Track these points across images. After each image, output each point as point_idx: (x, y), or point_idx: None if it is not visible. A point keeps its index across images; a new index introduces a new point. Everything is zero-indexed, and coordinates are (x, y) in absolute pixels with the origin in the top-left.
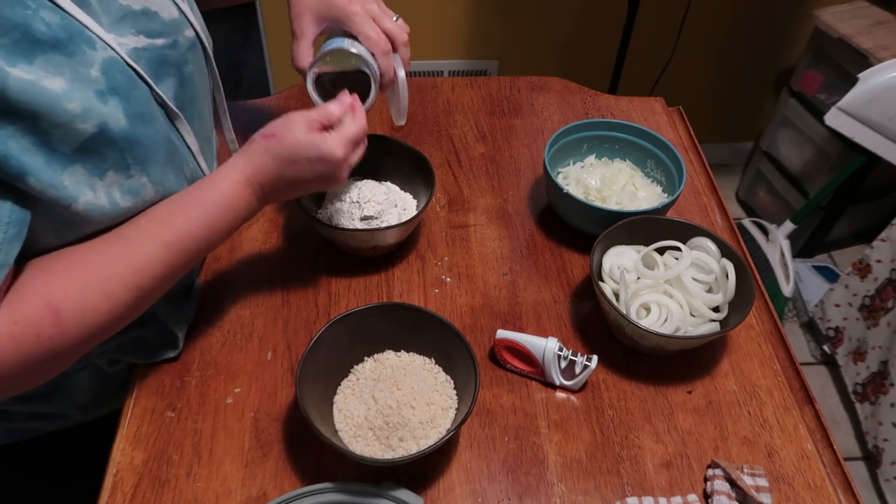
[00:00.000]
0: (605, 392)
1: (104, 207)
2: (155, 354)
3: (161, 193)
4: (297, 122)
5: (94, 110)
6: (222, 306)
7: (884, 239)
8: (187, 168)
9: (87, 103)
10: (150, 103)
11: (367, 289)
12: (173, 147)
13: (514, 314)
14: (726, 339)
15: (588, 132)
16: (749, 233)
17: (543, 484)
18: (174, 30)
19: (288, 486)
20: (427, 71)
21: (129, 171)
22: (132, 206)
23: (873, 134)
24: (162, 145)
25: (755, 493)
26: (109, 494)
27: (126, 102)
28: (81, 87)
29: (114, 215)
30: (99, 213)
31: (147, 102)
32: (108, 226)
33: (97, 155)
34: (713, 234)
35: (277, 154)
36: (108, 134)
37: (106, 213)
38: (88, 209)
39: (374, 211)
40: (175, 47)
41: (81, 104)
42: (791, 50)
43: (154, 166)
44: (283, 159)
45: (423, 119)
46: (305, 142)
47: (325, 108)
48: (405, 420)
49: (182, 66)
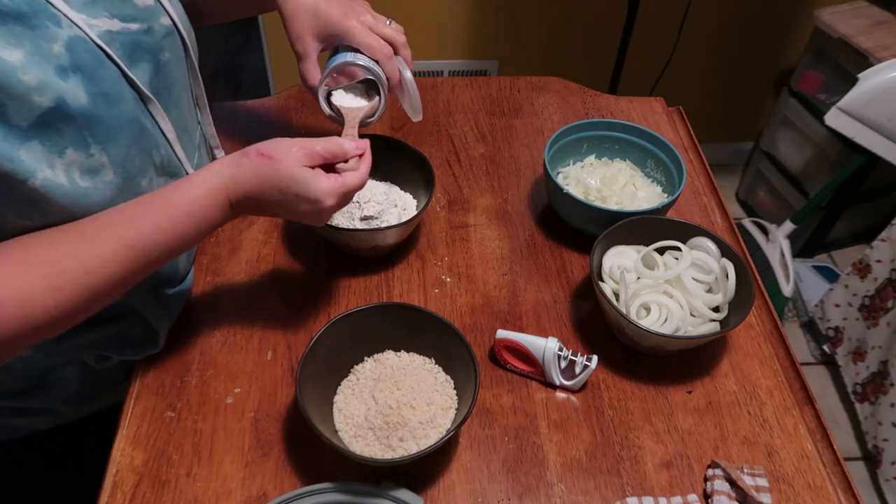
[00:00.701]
0: (605, 392)
1: (63, 186)
2: (140, 350)
3: (122, 176)
4: (298, 151)
5: (52, 85)
6: (222, 306)
7: (884, 239)
8: (157, 153)
9: (44, 77)
10: (118, 84)
11: (367, 289)
12: (142, 130)
13: (514, 314)
14: (726, 339)
15: (588, 132)
16: (749, 233)
17: (543, 484)
18: (148, 16)
19: (288, 486)
20: (427, 71)
21: (88, 149)
22: (92, 186)
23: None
24: (127, 128)
25: (755, 493)
26: (109, 494)
27: (89, 81)
28: (41, 61)
29: (75, 196)
30: (59, 191)
31: (115, 83)
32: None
33: (55, 131)
34: (713, 234)
35: (266, 178)
36: (66, 110)
37: (66, 192)
38: (47, 186)
39: (374, 211)
40: (150, 33)
41: (38, 77)
42: (791, 50)
43: (116, 147)
44: (270, 185)
45: (423, 119)
46: (299, 177)
47: (337, 144)
48: (405, 420)
49: (158, 53)
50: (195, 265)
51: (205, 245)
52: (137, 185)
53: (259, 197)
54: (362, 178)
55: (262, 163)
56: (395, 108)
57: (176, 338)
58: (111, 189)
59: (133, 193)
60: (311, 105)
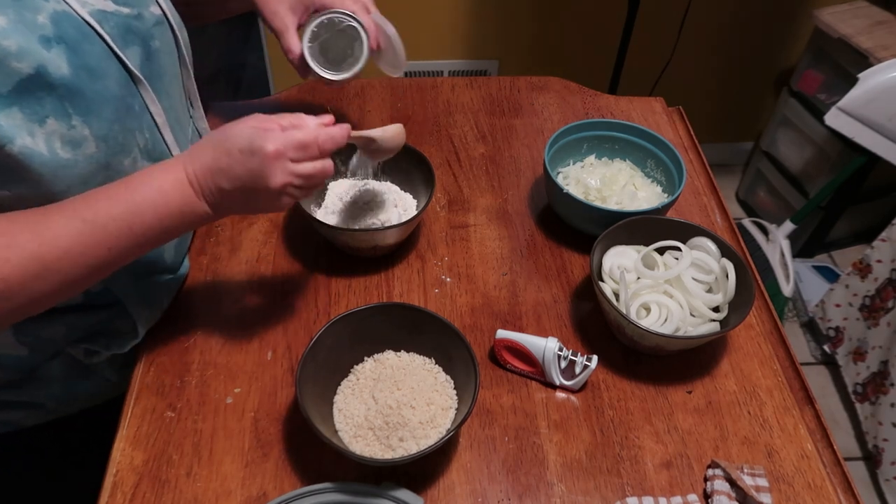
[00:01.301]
0: (605, 392)
1: (43, 155)
2: (124, 343)
3: (104, 151)
4: (252, 117)
5: (33, 52)
6: (222, 306)
7: (884, 239)
8: (142, 136)
9: (25, 45)
10: (104, 61)
11: (367, 289)
12: (128, 109)
13: (514, 314)
14: (726, 339)
15: (588, 132)
16: (749, 233)
17: (543, 484)
18: (138, 3)
19: (288, 486)
20: (427, 71)
21: (70, 120)
22: (72, 158)
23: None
24: (111, 104)
25: (755, 493)
26: (109, 494)
27: (73, 53)
28: (23, 29)
29: (54, 166)
30: (38, 160)
31: (101, 59)
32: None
33: (35, 99)
34: (713, 234)
35: (216, 142)
36: (47, 78)
37: (45, 161)
38: (25, 153)
39: (373, 211)
40: (140, 19)
41: (18, 43)
42: (791, 50)
43: (98, 121)
44: (218, 147)
45: (423, 119)
46: (242, 132)
47: (297, 116)
48: (405, 420)
49: (148, 40)
50: (195, 265)
51: (205, 245)
52: (120, 163)
53: (213, 167)
54: (309, 131)
55: (216, 133)
56: (395, 108)
57: (176, 338)
58: (92, 163)
59: (116, 172)
60: (312, 105)
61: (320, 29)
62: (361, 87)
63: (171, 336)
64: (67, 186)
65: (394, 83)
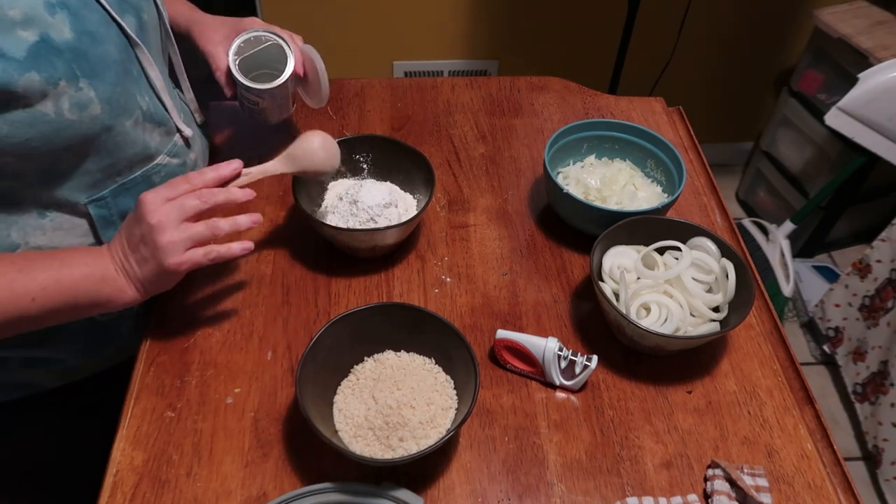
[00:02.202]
0: (605, 392)
1: (48, 115)
2: None
3: (108, 113)
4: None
5: (37, 19)
6: (222, 306)
7: (884, 239)
8: (142, 98)
9: (30, 11)
10: (104, 26)
11: (367, 289)
12: (127, 73)
13: (514, 314)
14: (726, 339)
15: (588, 132)
16: (749, 233)
17: (543, 484)
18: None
19: (288, 486)
20: (427, 71)
21: (78, 83)
22: (77, 119)
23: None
24: (112, 67)
25: (755, 493)
26: (109, 494)
27: (74, 18)
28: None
29: (56, 128)
30: (42, 119)
31: (101, 25)
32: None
33: (48, 63)
34: (713, 234)
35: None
36: (52, 43)
37: (50, 121)
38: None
39: (373, 210)
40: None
41: (23, 11)
42: (791, 50)
43: (103, 84)
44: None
45: (423, 119)
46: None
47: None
48: (405, 420)
49: (140, 11)
50: None
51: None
52: (122, 124)
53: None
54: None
55: None
56: (395, 108)
57: (176, 338)
58: (96, 124)
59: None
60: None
61: (246, 45)
62: (361, 87)
63: (171, 336)
64: (68, 145)
65: (394, 83)
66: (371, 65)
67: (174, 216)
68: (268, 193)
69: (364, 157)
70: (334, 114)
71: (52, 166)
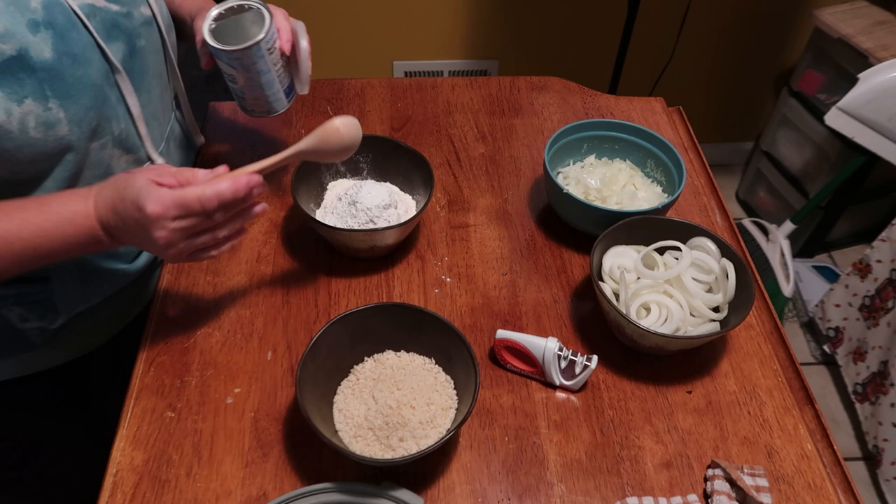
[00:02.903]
0: (605, 392)
1: (11, 132)
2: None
3: (76, 135)
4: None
5: (18, 35)
6: (222, 306)
7: (884, 239)
8: (117, 124)
9: (11, 27)
10: (88, 50)
11: (367, 289)
12: (105, 99)
13: (514, 314)
14: (726, 339)
15: (588, 132)
16: (749, 233)
17: (543, 484)
18: (129, 2)
19: (288, 486)
20: (427, 71)
21: (47, 102)
22: (42, 138)
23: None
24: (89, 91)
25: (755, 493)
26: (109, 494)
27: (59, 39)
28: (13, 11)
29: (19, 144)
30: (5, 136)
31: (85, 48)
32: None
33: (16, 80)
34: (713, 234)
35: (119, 185)
36: (28, 61)
37: (13, 138)
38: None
39: (373, 211)
40: (129, 18)
41: (4, 25)
42: (791, 50)
43: (75, 106)
44: (118, 191)
45: (423, 119)
46: (136, 182)
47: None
48: (405, 420)
49: (134, 38)
50: (195, 265)
51: None
52: (88, 147)
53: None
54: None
55: (122, 175)
56: (395, 108)
57: (176, 338)
58: (62, 144)
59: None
60: (311, 105)
61: (227, 12)
62: (361, 87)
63: (171, 336)
64: (31, 160)
65: (394, 83)
66: (371, 65)
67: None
68: (268, 193)
69: (364, 157)
70: (334, 113)
71: (11, 176)
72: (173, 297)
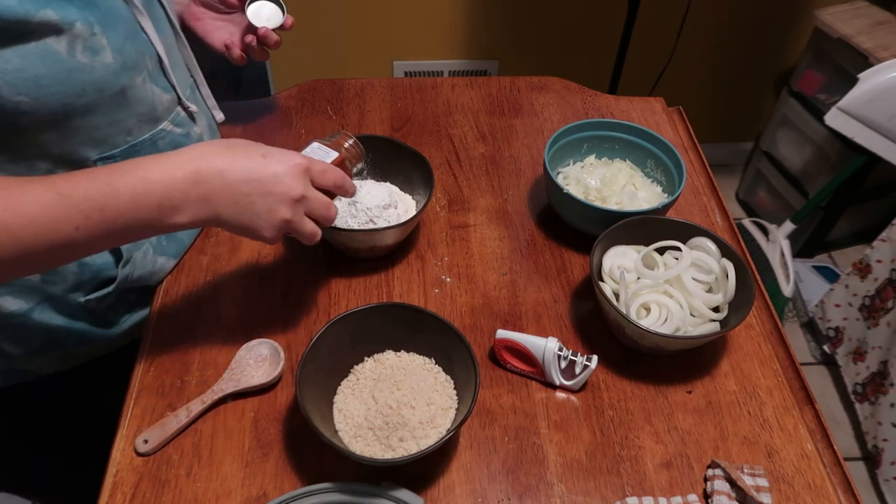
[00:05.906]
0: (605, 392)
1: (59, 53)
2: None
3: (119, 63)
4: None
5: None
6: (222, 306)
7: (884, 239)
8: (151, 60)
9: None
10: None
11: (367, 289)
12: (136, 32)
13: (514, 314)
14: (726, 339)
15: (588, 132)
16: (749, 233)
17: (543, 484)
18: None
19: (288, 486)
20: (427, 71)
21: (92, 28)
22: (89, 63)
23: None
24: (123, 22)
25: (755, 493)
26: (109, 494)
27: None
28: None
29: (67, 67)
30: (53, 57)
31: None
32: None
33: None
34: (713, 234)
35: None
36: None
37: (61, 59)
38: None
39: (373, 211)
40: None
41: None
42: (791, 50)
43: (114, 34)
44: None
45: (423, 119)
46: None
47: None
48: (405, 420)
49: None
50: (195, 266)
51: (205, 245)
52: (133, 79)
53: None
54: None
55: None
56: (395, 108)
57: (176, 338)
58: (109, 72)
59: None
60: (311, 105)
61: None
62: (361, 87)
63: (171, 336)
64: (81, 89)
65: (394, 83)
66: (371, 65)
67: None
68: None
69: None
70: (334, 114)
71: (64, 115)
72: (174, 297)
